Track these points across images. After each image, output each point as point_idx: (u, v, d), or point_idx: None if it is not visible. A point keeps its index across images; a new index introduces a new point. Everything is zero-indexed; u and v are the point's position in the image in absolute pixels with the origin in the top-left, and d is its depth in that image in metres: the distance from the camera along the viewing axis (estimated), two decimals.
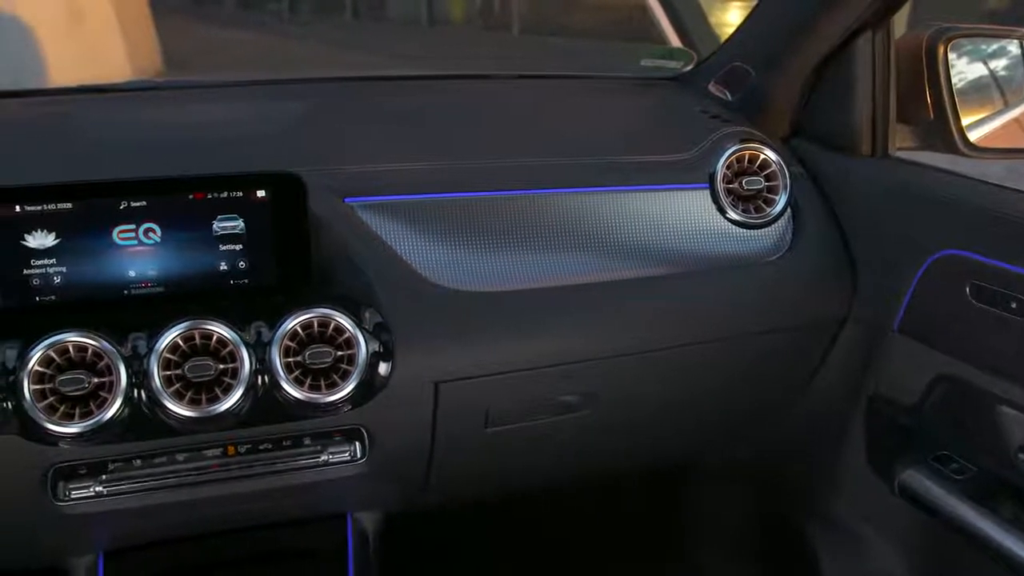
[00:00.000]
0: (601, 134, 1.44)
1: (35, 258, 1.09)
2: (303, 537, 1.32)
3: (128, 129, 1.36)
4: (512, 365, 1.22)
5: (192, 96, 1.63)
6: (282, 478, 1.17)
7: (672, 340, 1.31)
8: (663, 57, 1.72)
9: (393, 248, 1.20)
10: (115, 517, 1.15)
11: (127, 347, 1.06)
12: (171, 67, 6.93)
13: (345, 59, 7.76)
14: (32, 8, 5.62)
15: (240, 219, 1.13)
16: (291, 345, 1.09)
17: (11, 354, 1.03)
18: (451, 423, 1.22)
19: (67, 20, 5.94)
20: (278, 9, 11.49)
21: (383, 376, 1.13)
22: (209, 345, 1.07)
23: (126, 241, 1.11)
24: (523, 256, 1.25)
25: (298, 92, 1.65)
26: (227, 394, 1.06)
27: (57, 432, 1.03)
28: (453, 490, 1.38)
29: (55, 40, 5.74)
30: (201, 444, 1.14)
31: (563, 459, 1.41)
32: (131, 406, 1.05)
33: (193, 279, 1.13)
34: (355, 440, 1.19)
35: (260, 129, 1.37)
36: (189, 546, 1.29)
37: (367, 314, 1.13)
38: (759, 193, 1.36)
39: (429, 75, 1.81)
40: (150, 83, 1.65)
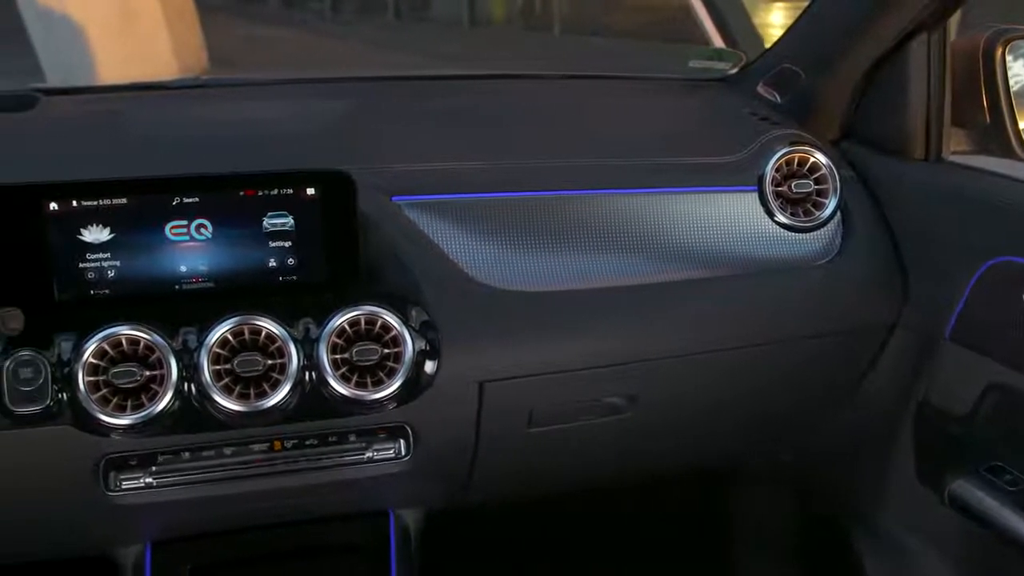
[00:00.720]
0: (649, 135, 1.43)
1: (90, 252, 1.11)
2: (346, 533, 1.32)
3: (179, 126, 1.38)
4: (557, 366, 1.22)
5: (240, 94, 1.65)
6: (327, 474, 1.18)
7: (717, 343, 1.31)
8: (711, 58, 1.71)
9: (440, 247, 1.20)
10: (163, 508, 1.17)
11: (178, 341, 1.08)
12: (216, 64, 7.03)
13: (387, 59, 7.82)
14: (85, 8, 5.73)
15: (290, 216, 1.14)
16: (338, 342, 1.10)
17: (67, 346, 1.05)
18: (495, 422, 1.22)
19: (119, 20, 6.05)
20: (321, 8, 11.59)
21: (429, 374, 1.14)
22: (258, 340, 1.08)
23: (178, 237, 1.13)
24: (570, 256, 1.24)
25: (344, 91, 1.66)
26: (275, 389, 1.07)
27: (109, 423, 1.04)
28: (495, 489, 1.38)
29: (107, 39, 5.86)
30: (248, 438, 1.15)
31: (604, 460, 1.40)
32: (181, 399, 1.07)
33: (243, 275, 1.15)
34: (399, 437, 1.19)
35: (308, 127, 1.38)
36: (234, 539, 1.30)
37: (414, 312, 1.14)
38: (808, 196, 1.34)
39: (475, 75, 1.82)
40: (200, 81, 1.67)
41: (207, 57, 7.25)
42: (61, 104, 1.46)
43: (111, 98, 1.57)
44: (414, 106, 1.51)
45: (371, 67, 6.87)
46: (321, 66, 7.44)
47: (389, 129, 1.37)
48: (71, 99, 1.52)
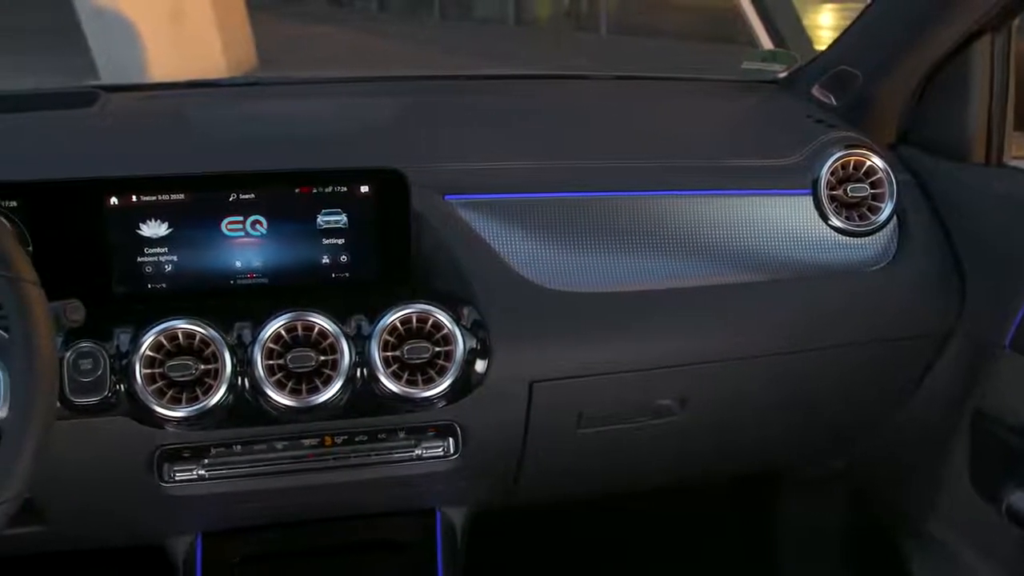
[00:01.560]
0: (702, 137, 1.42)
1: (148, 247, 1.12)
2: (393, 529, 1.33)
3: (235, 123, 1.40)
4: (607, 367, 1.22)
5: (292, 92, 1.67)
6: (376, 470, 1.19)
7: (769, 347, 1.29)
8: (764, 60, 1.69)
9: (492, 246, 1.20)
10: (215, 500, 1.18)
11: (232, 335, 1.09)
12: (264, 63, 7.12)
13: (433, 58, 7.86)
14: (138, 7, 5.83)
15: (344, 214, 1.15)
16: (390, 339, 1.10)
17: (124, 339, 1.07)
18: (544, 423, 1.22)
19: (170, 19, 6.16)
20: (367, 8, 11.67)
21: (479, 373, 1.14)
22: (311, 336, 1.09)
23: (234, 232, 1.14)
24: (622, 257, 1.24)
25: (395, 90, 1.67)
26: (326, 385, 1.08)
27: (165, 415, 1.06)
28: (542, 490, 1.38)
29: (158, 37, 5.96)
30: (299, 433, 1.16)
31: (653, 463, 1.39)
32: (234, 393, 1.08)
33: (296, 271, 1.16)
34: (449, 436, 1.20)
35: (361, 125, 1.39)
36: (282, 532, 1.32)
37: (465, 311, 1.14)
38: (864, 200, 1.32)
39: (525, 75, 1.81)
40: (254, 79, 1.70)
41: (255, 55, 7.36)
42: (120, 101, 1.49)
43: (168, 95, 1.60)
44: (465, 105, 1.52)
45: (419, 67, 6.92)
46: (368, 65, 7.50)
47: (441, 128, 1.38)
48: (130, 96, 1.55)
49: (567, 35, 9.51)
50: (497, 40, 9.02)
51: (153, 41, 6.33)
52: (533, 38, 9.35)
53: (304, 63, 7.58)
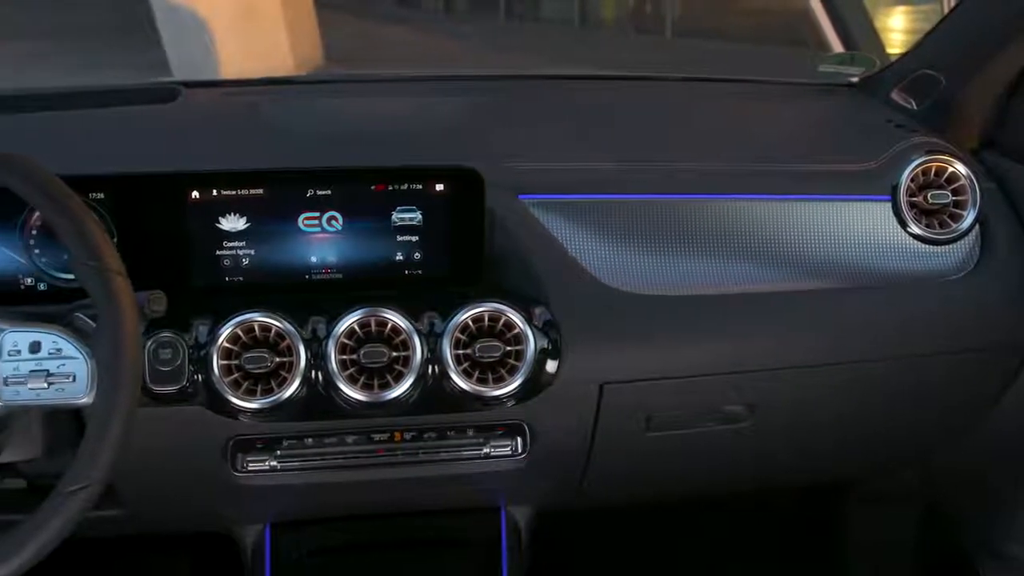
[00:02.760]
0: (778, 141, 1.40)
1: (227, 240, 1.15)
2: (458, 527, 1.34)
3: (311, 120, 1.42)
4: (678, 371, 1.21)
5: (365, 90, 1.68)
6: (444, 467, 1.20)
7: (843, 356, 1.27)
8: (842, 63, 1.65)
9: (565, 246, 1.20)
10: (285, 491, 1.20)
11: (307, 329, 1.10)
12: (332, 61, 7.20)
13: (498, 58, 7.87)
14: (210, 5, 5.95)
15: (418, 211, 1.16)
16: (461, 337, 1.10)
17: (203, 330, 1.09)
18: (612, 425, 1.21)
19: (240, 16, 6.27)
20: (434, 7, 11.74)
21: (550, 374, 1.14)
22: (383, 332, 1.10)
23: (310, 228, 1.16)
24: (695, 261, 1.23)
25: (468, 88, 1.68)
26: (398, 381, 1.09)
27: (239, 406, 1.08)
28: (608, 491, 1.37)
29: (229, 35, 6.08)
30: (369, 428, 1.17)
31: (721, 468, 1.38)
32: (308, 387, 1.09)
33: (370, 267, 1.17)
34: (517, 435, 1.20)
35: (435, 124, 1.40)
36: (348, 525, 1.33)
37: (537, 311, 1.14)
38: (945, 208, 1.29)
39: (598, 75, 1.81)
40: (329, 76, 1.72)
41: (322, 53, 7.45)
42: (199, 96, 1.52)
43: (246, 91, 1.62)
44: (538, 105, 1.52)
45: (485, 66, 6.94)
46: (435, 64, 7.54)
47: (515, 127, 1.38)
48: (208, 92, 1.58)
49: (632, 36, 9.46)
50: (562, 41, 9.00)
51: (224, 38, 6.45)
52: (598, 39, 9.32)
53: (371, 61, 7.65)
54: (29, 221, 1.13)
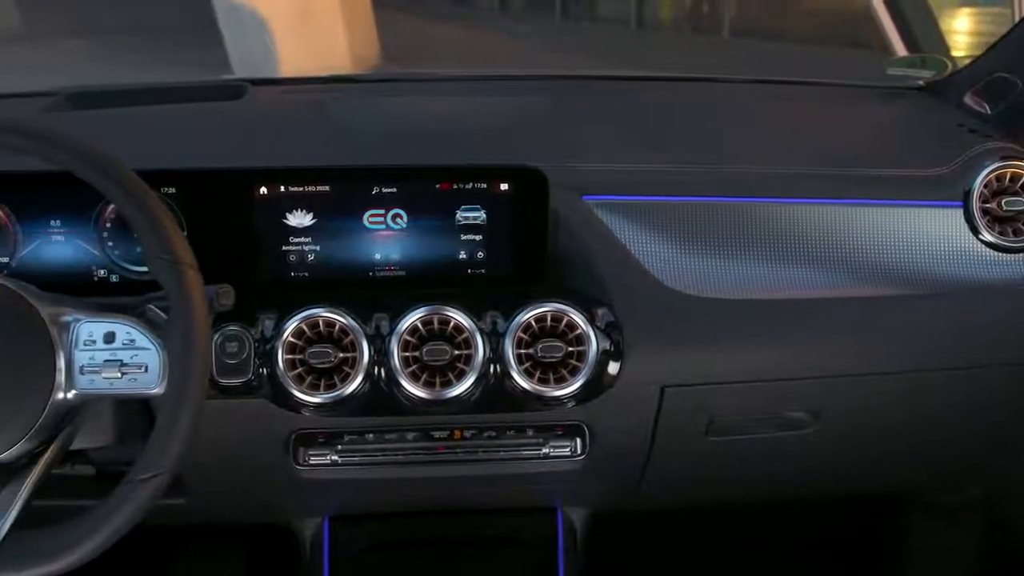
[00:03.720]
0: (846, 144, 1.38)
1: (293, 236, 1.16)
2: (515, 525, 1.34)
3: (375, 118, 1.43)
4: (740, 375, 1.20)
5: (427, 88, 1.69)
6: (502, 466, 1.20)
7: (909, 364, 1.24)
8: (912, 66, 1.62)
9: (628, 248, 1.19)
10: (345, 485, 1.21)
11: (371, 326, 1.11)
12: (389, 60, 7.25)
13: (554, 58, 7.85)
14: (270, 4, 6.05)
15: (482, 210, 1.17)
16: (523, 337, 1.10)
17: (269, 324, 1.10)
18: (672, 428, 1.20)
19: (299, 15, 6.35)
20: (490, 6, 11.76)
21: (611, 375, 1.13)
22: (446, 330, 1.10)
23: (375, 225, 1.17)
24: (761, 265, 1.21)
25: (529, 88, 1.68)
26: (460, 380, 1.09)
27: (302, 400, 1.09)
28: (665, 495, 1.36)
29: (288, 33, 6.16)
30: (430, 425, 1.18)
31: (783, 475, 1.36)
32: (370, 383, 1.10)
33: (434, 265, 1.18)
34: (576, 436, 1.20)
35: (498, 123, 1.40)
36: (405, 521, 1.34)
37: (599, 312, 1.13)
38: (1019, 215, 1.26)
39: (658, 76, 1.80)
40: (392, 75, 1.73)
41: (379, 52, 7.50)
42: (265, 94, 1.54)
43: (311, 89, 1.64)
44: (601, 105, 1.51)
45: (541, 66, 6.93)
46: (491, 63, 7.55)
47: (578, 128, 1.37)
48: (274, 89, 1.60)
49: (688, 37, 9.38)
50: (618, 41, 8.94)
51: (283, 37, 6.52)
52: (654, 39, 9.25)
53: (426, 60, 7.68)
54: (104, 214, 1.16)
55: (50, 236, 1.16)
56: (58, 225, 1.16)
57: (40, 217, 1.16)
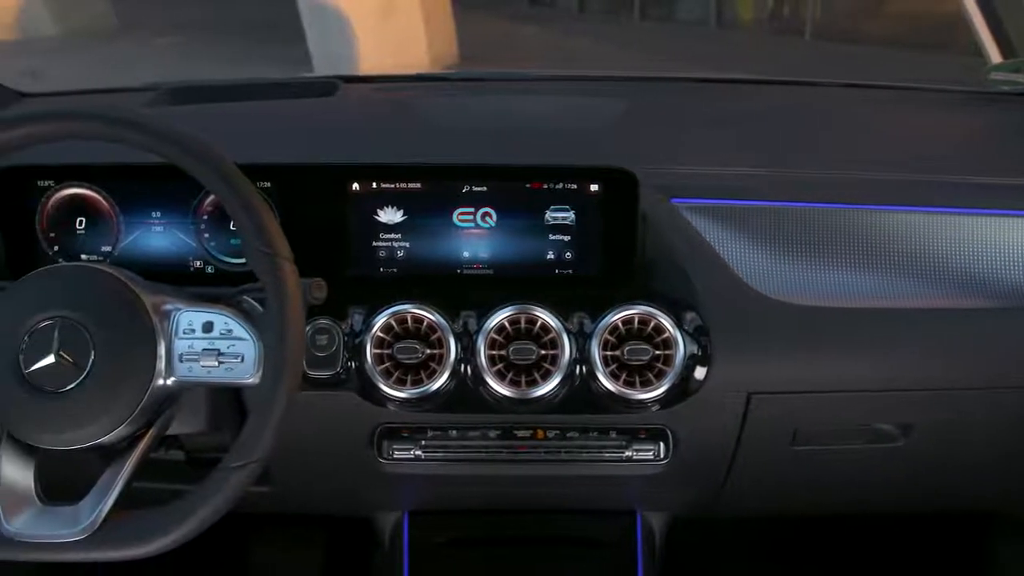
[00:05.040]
0: (943, 151, 1.34)
1: (383, 232, 1.17)
2: (593, 527, 1.33)
3: (463, 116, 1.44)
4: (829, 385, 1.17)
5: (512, 88, 1.69)
6: (584, 467, 1.19)
7: (1004, 378, 1.20)
8: (1018, 71, 1.57)
9: (717, 252, 1.18)
10: (427, 481, 1.22)
11: (459, 323, 1.12)
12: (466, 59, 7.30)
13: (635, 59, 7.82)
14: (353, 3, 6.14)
15: (572, 210, 1.16)
16: (610, 339, 1.10)
17: (358, 319, 1.12)
18: (757, 436, 1.19)
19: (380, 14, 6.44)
20: (568, 6, 11.74)
21: (698, 380, 1.12)
22: (532, 330, 1.10)
23: (465, 223, 1.17)
24: (853, 273, 1.19)
25: (615, 89, 1.67)
26: (545, 379, 1.09)
27: (389, 395, 1.10)
28: (747, 503, 1.34)
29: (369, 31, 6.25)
30: (513, 424, 1.18)
31: (870, 488, 1.33)
32: (456, 380, 1.11)
33: (521, 264, 1.18)
34: (660, 440, 1.19)
35: (587, 123, 1.39)
36: (485, 519, 1.34)
37: (688, 316, 1.12)
38: None
39: (747, 79, 1.77)
40: (480, 74, 1.73)
41: (458, 51, 7.57)
42: (356, 91, 1.56)
43: (400, 87, 1.66)
44: (689, 108, 1.50)
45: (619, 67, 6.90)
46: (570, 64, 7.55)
47: (667, 130, 1.36)
48: (364, 87, 1.62)
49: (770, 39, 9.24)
50: (699, 42, 8.85)
51: (364, 35, 6.65)
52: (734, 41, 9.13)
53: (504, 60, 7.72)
54: (202, 206, 1.19)
55: (150, 227, 1.20)
56: (158, 216, 1.19)
57: (142, 208, 1.19)
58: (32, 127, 0.92)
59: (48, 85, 1.71)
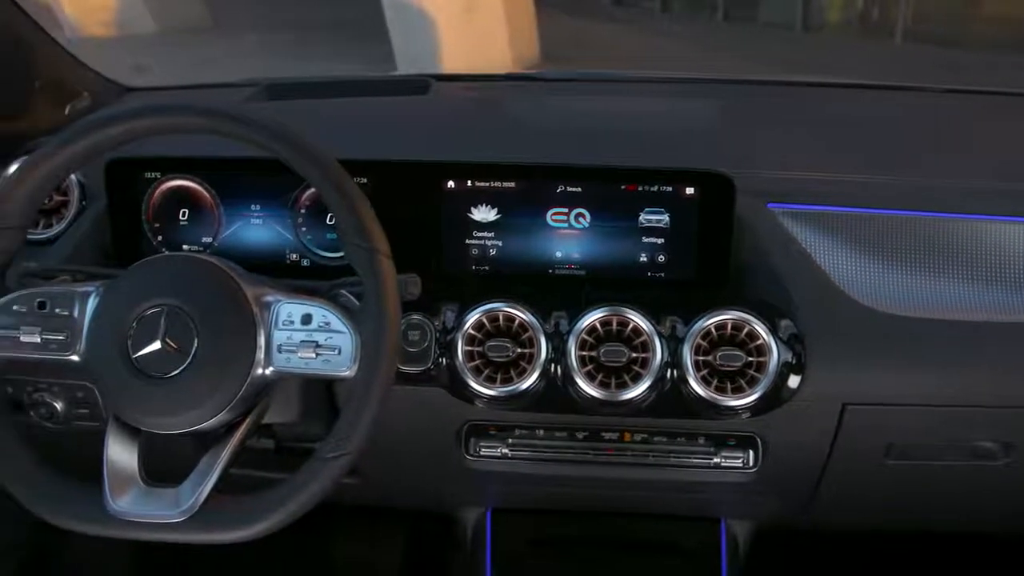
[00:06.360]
0: None
1: (477, 230, 1.18)
2: (677, 533, 1.32)
3: (556, 116, 1.44)
4: (927, 399, 1.14)
5: (601, 89, 1.68)
6: (671, 472, 1.18)
7: None
8: None
9: (814, 259, 1.16)
10: (512, 479, 1.22)
11: (550, 323, 1.12)
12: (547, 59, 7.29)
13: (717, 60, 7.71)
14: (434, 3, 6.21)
15: (666, 213, 1.16)
16: (702, 343, 1.09)
17: (450, 315, 1.13)
18: (850, 448, 1.16)
19: (463, 13, 6.49)
20: (650, 7, 11.64)
21: (791, 389, 1.10)
22: (623, 332, 1.10)
23: (558, 223, 1.17)
24: (955, 284, 1.15)
25: (706, 91, 1.65)
26: (635, 382, 1.08)
27: (478, 392, 1.10)
28: (835, 516, 1.31)
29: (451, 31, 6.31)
30: (600, 426, 1.17)
31: (968, 507, 1.29)
32: (546, 379, 1.11)
33: (613, 266, 1.17)
34: (749, 448, 1.17)
35: (681, 126, 1.38)
36: (567, 518, 1.34)
37: (783, 323, 1.10)
38: None
39: (844, 83, 1.73)
40: (570, 74, 1.73)
41: (539, 51, 7.57)
42: (448, 89, 1.57)
43: (490, 86, 1.67)
44: (784, 112, 1.47)
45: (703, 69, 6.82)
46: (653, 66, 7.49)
47: (763, 134, 1.34)
48: (455, 85, 1.63)
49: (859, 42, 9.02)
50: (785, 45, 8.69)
51: (447, 33, 6.70)
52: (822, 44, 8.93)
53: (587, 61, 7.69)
54: (299, 200, 1.21)
55: (249, 219, 1.22)
56: (257, 209, 1.22)
57: (242, 201, 1.22)
58: (149, 120, 0.95)
59: (152, 80, 1.77)
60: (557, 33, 7.81)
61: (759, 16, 10.33)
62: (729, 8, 10.64)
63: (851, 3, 10.16)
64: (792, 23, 9.68)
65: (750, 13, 10.40)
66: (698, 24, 10.65)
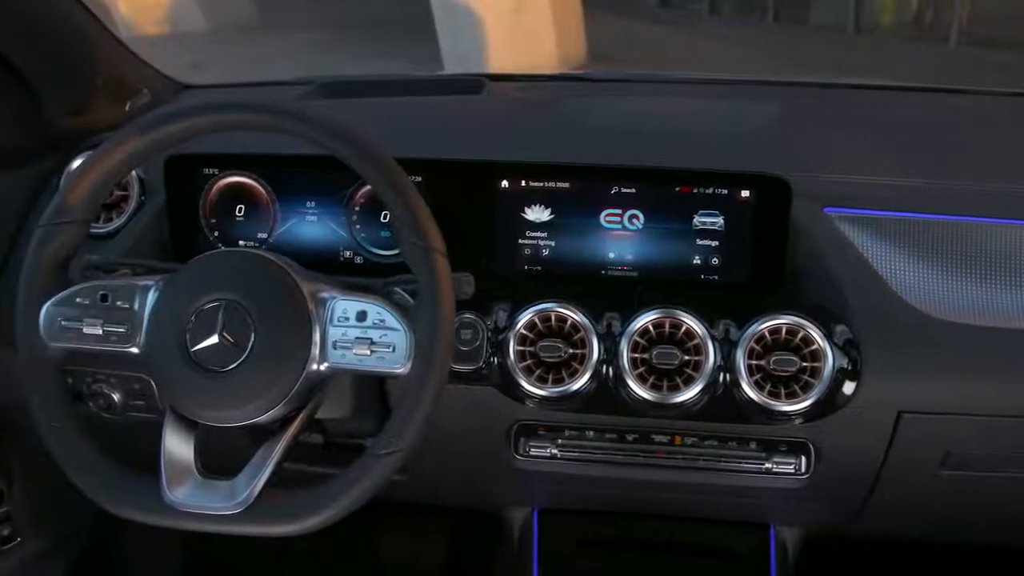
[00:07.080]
0: None
1: (530, 230, 1.18)
2: (725, 538, 1.31)
3: (610, 117, 1.43)
4: (986, 408, 1.11)
5: (655, 90, 1.67)
6: (721, 477, 1.17)
7: None
8: None
9: (871, 264, 1.14)
10: (561, 479, 1.22)
11: (602, 325, 1.11)
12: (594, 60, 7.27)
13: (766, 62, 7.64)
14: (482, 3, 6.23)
15: (721, 216, 1.15)
16: (755, 347, 1.08)
17: (502, 315, 1.13)
18: (905, 457, 1.14)
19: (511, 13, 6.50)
20: (699, 9, 11.56)
21: (845, 395, 1.08)
22: (676, 335, 1.09)
23: (611, 224, 1.17)
24: (1012, 292, 1.13)
25: (761, 94, 1.63)
26: (687, 385, 1.08)
27: (529, 392, 1.11)
28: (887, 525, 1.29)
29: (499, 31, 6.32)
30: (651, 428, 1.17)
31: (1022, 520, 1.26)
32: (597, 381, 1.10)
33: (667, 268, 1.17)
34: (801, 454, 1.16)
35: (735, 128, 1.37)
36: (614, 520, 1.34)
37: (838, 328, 1.09)
38: None
39: (901, 86, 1.70)
40: (623, 75, 1.72)
41: (586, 52, 7.56)
42: (501, 89, 1.57)
43: (543, 86, 1.67)
44: (841, 114, 1.45)
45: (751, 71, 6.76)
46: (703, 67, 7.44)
47: (819, 137, 1.32)
48: (508, 85, 1.63)
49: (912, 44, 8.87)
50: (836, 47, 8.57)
51: (494, 33, 6.72)
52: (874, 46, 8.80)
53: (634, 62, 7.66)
54: (354, 197, 1.22)
55: (304, 216, 1.24)
56: (312, 206, 1.23)
57: (297, 197, 1.23)
58: (209, 118, 0.97)
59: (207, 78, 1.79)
60: (604, 34, 7.80)
61: (810, 18, 10.20)
62: (779, 10, 10.52)
63: (904, 5, 9.99)
64: (844, 25, 9.54)
65: (801, 15, 10.27)
66: (748, 27, 10.54)
